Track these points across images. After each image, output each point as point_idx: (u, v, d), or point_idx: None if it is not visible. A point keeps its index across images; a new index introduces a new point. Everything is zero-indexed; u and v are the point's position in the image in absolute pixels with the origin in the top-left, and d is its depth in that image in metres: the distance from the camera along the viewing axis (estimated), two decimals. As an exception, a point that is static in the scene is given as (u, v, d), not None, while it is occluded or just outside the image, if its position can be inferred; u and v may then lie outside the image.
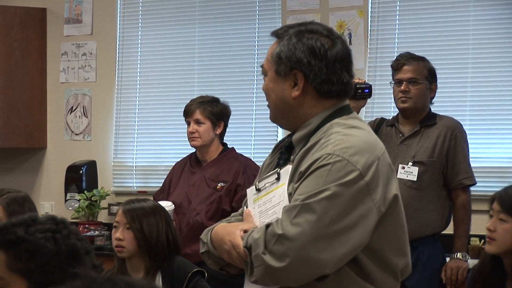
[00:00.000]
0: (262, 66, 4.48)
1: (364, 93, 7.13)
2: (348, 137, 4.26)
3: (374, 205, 4.21)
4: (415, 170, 7.28)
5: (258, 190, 4.44)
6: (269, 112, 4.48)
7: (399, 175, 7.18)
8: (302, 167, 4.21)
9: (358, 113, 7.13)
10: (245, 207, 4.50)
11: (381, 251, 4.29)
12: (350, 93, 4.44)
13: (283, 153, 4.50)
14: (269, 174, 4.41)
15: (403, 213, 4.37)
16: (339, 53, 4.41)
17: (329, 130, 4.30)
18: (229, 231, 4.32)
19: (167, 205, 7.17)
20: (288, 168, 4.31)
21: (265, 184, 4.41)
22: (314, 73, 4.35)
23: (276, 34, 4.49)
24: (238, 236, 4.21)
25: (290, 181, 4.25)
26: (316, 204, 4.10)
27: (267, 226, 4.13)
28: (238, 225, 4.33)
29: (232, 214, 4.63)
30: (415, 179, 7.29)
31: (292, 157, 4.39)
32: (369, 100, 7.42)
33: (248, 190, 4.51)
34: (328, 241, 4.13)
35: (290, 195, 4.22)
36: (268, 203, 4.35)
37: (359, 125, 4.40)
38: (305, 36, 4.41)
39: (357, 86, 7.04)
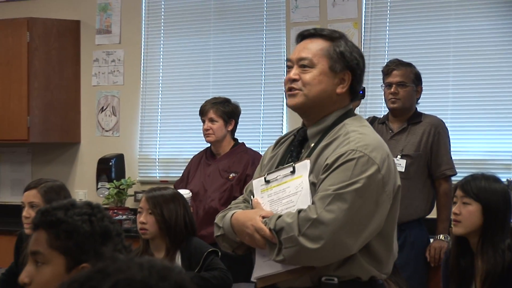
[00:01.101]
0: (304, 58, 4.38)
1: (358, 94, 7.20)
2: (365, 136, 4.32)
3: (387, 195, 4.29)
4: (403, 162, 7.28)
5: (267, 181, 4.40)
6: (290, 101, 4.39)
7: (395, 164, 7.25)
8: (328, 160, 4.21)
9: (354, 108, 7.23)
10: (251, 196, 4.47)
11: (387, 234, 4.35)
12: (358, 98, 4.58)
13: (296, 147, 4.48)
14: (281, 167, 4.39)
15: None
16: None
17: (344, 129, 4.34)
18: (250, 217, 4.28)
19: (186, 193, 7.17)
20: (306, 162, 4.29)
21: (276, 177, 4.38)
22: (358, 77, 4.45)
23: (322, 34, 4.45)
24: (259, 221, 4.20)
25: (311, 173, 4.25)
26: (347, 195, 4.15)
27: (299, 211, 4.14)
28: (257, 212, 4.30)
29: (233, 202, 4.59)
30: (403, 170, 7.24)
31: (303, 151, 4.40)
32: (362, 101, 7.43)
33: (254, 181, 4.48)
34: (355, 227, 4.18)
35: (313, 184, 4.24)
36: (281, 193, 4.34)
37: (367, 125, 4.49)
38: (352, 43, 4.47)
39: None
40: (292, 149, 4.47)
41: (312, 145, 4.36)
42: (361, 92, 6.94)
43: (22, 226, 6.41)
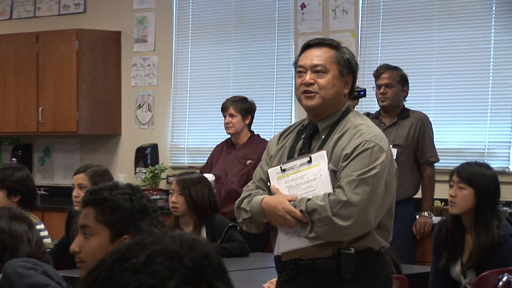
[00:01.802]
0: (317, 65, 4.40)
1: (360, 94, 7.24)
2: (372, 128, 4.43)
3: (392, 176, 4.41)
4: (394, 151, 7.19)
5: (283, 170, 4.42)
6: (309, 102, 4.41)
7: None
8: (347, 150, 4.28)
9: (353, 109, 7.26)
10: (267, 183, 4.47)
11: (391, 208, 4.44)
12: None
13: (307, 139, 4.48)
14: (297, 157, 4.43)
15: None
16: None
17: (349, 122, 4.41)
18: (280, 201, 4.30)
19: (210, 176, 7.25)
20: (323, 153, 4.33)
21: (293, 166, 4.40)
22: (356, 78, 4.52)
23: (329, 44, 4.51)
24: (289, 204, 4.25)
25: (329, 162, 4.30)
26: (369, 179, 4.24)
27: (328, 195, 4.22)
28: (284, 196, 4.33)
29: (245, 187, 4.61)
30: (394, 157, 7.26)
31: (313, 143, 4.44)
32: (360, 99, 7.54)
33: (270, 170, 4.48)
34: (376, 205, 4.27)
35: (333, 172, 4.30)
36: (299, 179, 4.37)
37: (367, 118, 4.60)
38: (350, 51, 4.57)
39: (356, 89, 7.14)
40: (304, 141, 4.48)
41: (323, 137, 4.40)
42: (362, 92, 7.08)
43: (72, 204, 6.44)
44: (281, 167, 4.42)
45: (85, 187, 6.10)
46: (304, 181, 4.33)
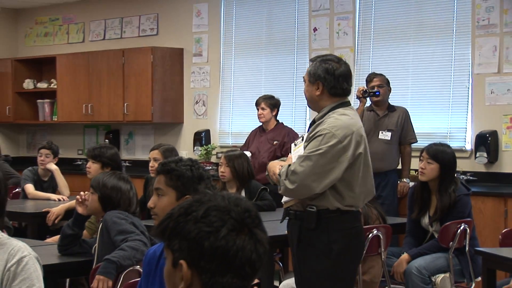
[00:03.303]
0: (303, 77, 4.54)
1: (375, 94, 7.24)
2: (336, 120, 4.35)
3: (346, 158, 4.29)
4: (388, 134, 7.32)
5: (295, 145, 4.56)
6: (304, 103, 4.68)
7: (380, 136, 7.31)
8: (310, 135, 4.36)
9: (364, 103, 7.31)
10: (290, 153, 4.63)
11: (350, 181, 4.35)
12: (348, 94, 4.52)
13: (309, 126, 4.55)
14: (299, 138, 4.59)
15: (367, 164, 4.43)
16: (342, 72, 4.45)
17: (328, 115, 4.38)
18: (273, 166, 4.45)
19: (248, 153, 7.28)
20: (303, 136, 4.50)
21: (297, 143, 4.54)
22: (332, 85, 4.43)
23: (311, 60, 4.56)
24: (277, 168, 4.38)
25: (304, 141, 4.41)
26: (313, 156, 4.25)
27: (289, 165, 4.31)
28: (277, 163, 4.49)
29: (281, 159, 4.75)
30: (388, 139, 7.31)
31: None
32: (354, 98, 7.48)
33: (292, 145, 4.63)
34: (317, 176, 4.25)
35: (305, 148, 4.38)
36: (297, 152, 4.45)
37: (347, 113, 4.43)
38: (324, 62, 4.46)
39: (370, 90, 7.17)
40: (309, 128, 4.55)
41: (313, 126, 4.45)
42: (377, 92, 7.15)
43: (148, 173, 6.47)
44: (294, 143, 4.58)
45: (158, 160, 6.18)
46: (299, 153, 4.39)
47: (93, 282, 4.09)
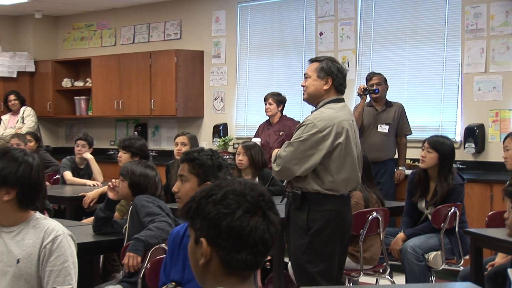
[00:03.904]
0: (305, 74, 4.51)
1: (374, 92, 7.23)
2: (321, 113, 4.40)
3: (325, 146, 4.31)
4: (386, 127, 7.30)
5: None
6: (303, 97, 4.57)
7: (379, 129, 7.31)
8: (297, 125, 4.45)
9: (365, 100, 7.33)
10: None
11: (329, 168, 4.37)
12: (344, 92, 4.53)
13: None
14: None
15: (348, 153, 4.41)
16: (345, 73, 4.50)
17: (318, 109, 4.44)
18: (274, 152, 4.47)
19: (257, 140, 7.45)
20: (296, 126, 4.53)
21: None
22: (337, 79, 4.44)
23: (316, 60, 4.53)
24: (274, 154, 4.44)
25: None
26: (295, 143, 4.32)
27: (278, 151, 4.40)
28: (276, 150, 4.51)
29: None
30: (386, 131, 7.30)
31: None
32: (355, 94, 7.46)
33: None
34: (298, 160, 4.31)
35: None
36: None
37: (334, 108, 4.44)
38: (333, 62, 4.49)
39: (370, 88, 7.16)
40: None
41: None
42: (376, 90, 7.14)
43: (170, 160, 6.49)
44: None
45: (185, 144, 6.41)
46: None
47: (124, 258, 4.11)
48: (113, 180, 4.61)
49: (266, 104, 7.85)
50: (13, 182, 2.94)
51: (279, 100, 7.83)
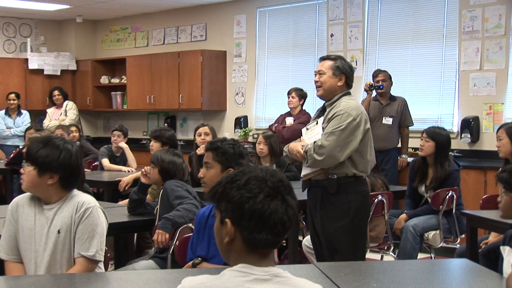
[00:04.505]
0: (319, 70, 4.42)
1: (380, 88, 7.20)
2: (348, 103, 4.35)
3: (360, 132, 4.30)
4: (390, 120, 7.28)
5: (307, 129, 4.47)
6: (317, 93, 4.46)
7: (383, 121, 7.29)
8: (329, 116, 4.33)
9: (371, 95, 7.31)
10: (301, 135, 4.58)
11: (361, 151, 4.35)
12: (351, 87, 4.49)
13: (320, 112, 4.52)
14: (311, 122, 4.49)
15: (371, 138, 4.42)
16: (354, 70, 4.52)
17: (339, 102, 4.36)
18: (295, 146, 4.40)
19: (291, 119, 7.59)
20: (321, 119, 4.39)
21: (310, 126, 4.45)
22: (349, 76, 4.43)
23: (329, 58, 4.48)
24: (299, 147, 4.33)
25: (323, 123, 4.34)
26: (336, 132, 4.25)
27: (314, 142, 4.27)
28: (298, 143, 4.42)
29: (295, 141, 4.62)
30: (390, 123, 7.27)
31: (324, 114, 4.42)
32: (362, 90, 7.42)
33: (302, 129, 4.55)
34: (341, 147, 4.25)
35: (323, 129, 4.32)
36: (311, 133, 4.39)
37: (353, 99, 4.45)
38: (345, 61, 4.46)
39: (375, 85, 7.13)
40: (319, 113, 4.51)
41: (327, 111, 4.41)
42: (381, 86, 7.09)
43: (193, 149, 6.49)
44: (306, 127, 4.50)
45: (208, 134, 6.35)
46: (314, 134, 4.36)
47: (154, 235, 4.12)
48: (146, 167, 4.63)
49: (289, 97, 7.76)
50: (55, 168, 3.01)
51: (301, 94, 7.77)
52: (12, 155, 7.78)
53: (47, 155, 3.00)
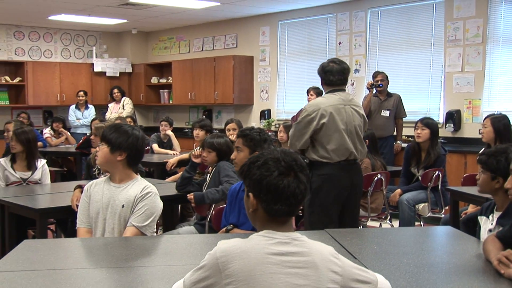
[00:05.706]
0: None
1: (379, 86, 7.11)
2: (315, 101, 4.25)
3: (313, 125, 4.14)
4: (387, 112, 7.19)
5: None
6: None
7: (382, 114, 7.19)
8: None
9: (371, 94, 7.17)
10: None
11: (321, 142, 4.19)
12: (338, 84, 4.25)
13: None
14: None
15: (336, 131, 4.16)
16: (330, 68, 4.26)
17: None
18: None
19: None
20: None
21: None
22: (323, 77, 4.30)
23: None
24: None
25: None
26: (294, 125, 4.22)
27: None
28: None
29: None
30: (387, 115, 7.18)
31: None
32: (365, 88, 7.34)
33: None
34: (297, 137, 4.18)
35: None
36: None
37: (326, 97, 4.26)
38: (325, 64, 4.29)
39: (375, 84, 7.04)
40: None
41: None
42: (381, 85, 6.96)
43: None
44: None
45: (235, 129, 6.18)
46: None
47: (188, 195, 4.19)
48: (196, 149, 4.55)
49: (308, 95, 7.60)
50: (125, 147, 3.06)
51: (318, 92, 7.52)
52: (81, 141, 7.91)
53: (118, 136, 3.06)
